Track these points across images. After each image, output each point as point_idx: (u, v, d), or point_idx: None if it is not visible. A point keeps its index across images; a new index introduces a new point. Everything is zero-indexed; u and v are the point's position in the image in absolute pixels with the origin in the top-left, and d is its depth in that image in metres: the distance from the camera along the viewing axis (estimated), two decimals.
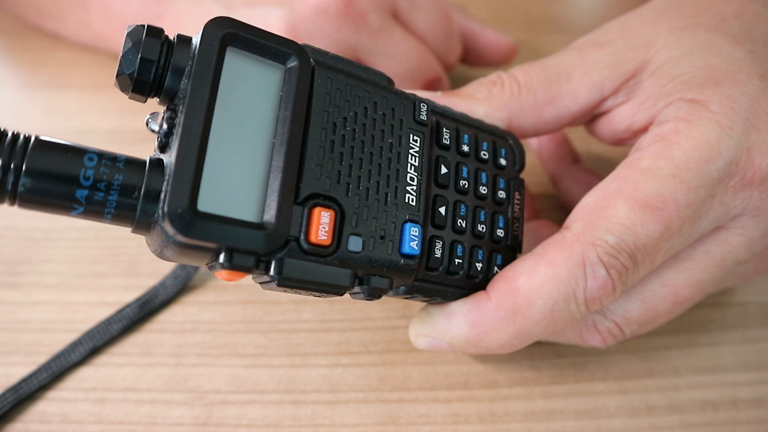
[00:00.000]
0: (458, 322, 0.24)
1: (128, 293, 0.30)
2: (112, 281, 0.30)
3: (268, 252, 0.18)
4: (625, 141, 0.27)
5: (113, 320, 0.29)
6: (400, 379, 0.28)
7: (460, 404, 0.28)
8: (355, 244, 0.20)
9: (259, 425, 0.27)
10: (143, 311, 0.29)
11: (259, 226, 0.18)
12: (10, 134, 0.17)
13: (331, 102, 0.21)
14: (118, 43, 0.35)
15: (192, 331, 0.29)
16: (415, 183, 0.22)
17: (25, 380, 0.27)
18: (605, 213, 0.23)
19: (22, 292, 0.30)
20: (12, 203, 0.17)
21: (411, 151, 0.22)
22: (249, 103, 0.19)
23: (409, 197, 0.22)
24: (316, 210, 0.19)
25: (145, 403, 0.27)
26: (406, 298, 0.23)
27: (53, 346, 0.28)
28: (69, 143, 0.18)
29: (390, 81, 0.23)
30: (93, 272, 0.31)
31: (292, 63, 0.20)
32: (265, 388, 0.28)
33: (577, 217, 0.23)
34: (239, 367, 0.28)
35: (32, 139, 0.17)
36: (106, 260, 0.31)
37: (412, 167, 0.22)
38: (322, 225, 0.19)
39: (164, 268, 0.30)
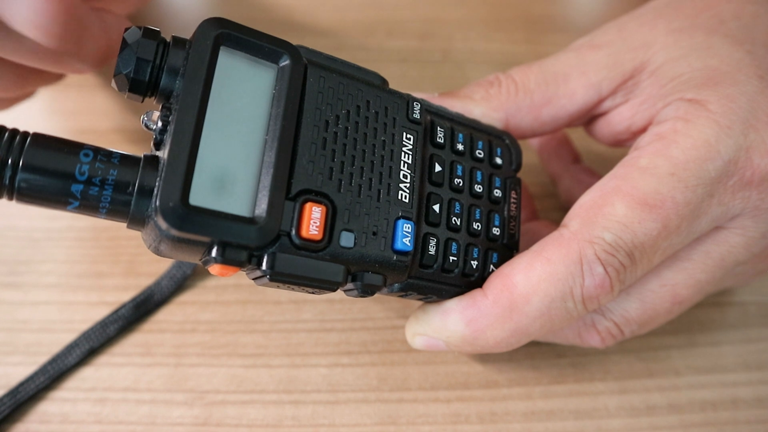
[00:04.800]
0: (454, 319, 0.24)
1: (128, 293, 0.30)
2: (112, 281, 0.30)
3: (260, 246, 0.19)
4: (624, 142, 0.28)
5: (109, 321, 0.29)
6: (399, 379, 0.28)
7: (460, 404, 0.28)
8: (347, 239, 0.20)
9: (258, 425, 0.27)
10: (139, 311, 0.29)
11: (251, 221, 0.19)
12: (8, 130, 0.18)
13: (323, 100, 0.21)
14: None
15: (192, 331, 0.29)
16: (408, 180, 0.22)
17: (22, 384, 0.27)
18: (603, 211, 0.23)
19: (22, 292, 0.30)
20: (10, 198, 0.18)
21: (404, 149, 0.23)
22: (242, 101, 0.20)
23: (402, 194, 0.22)
24: (308, 205, 0.20)
25: (145, 403, 0.27)
26: (402, 296, 0.24)
27: (53, 346, 0.28)
28: (66, 139, 0.18)
29: (384, 81, 0.23)
30: (93, 272, 0.31)
31: (285, 62, 0.20)
32: (265, 388, 0.28)
33: (574, 215, 0.23)
34: (239, 367, 0.28)
35: (30, 135, 0.18)
36: (106, 260, 0.31)
37: (405, 165, 0.22)
38: (313, 220, 0.20)
39: (164, 268, 0.30)
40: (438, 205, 0.23)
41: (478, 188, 0.25)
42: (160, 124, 0.19)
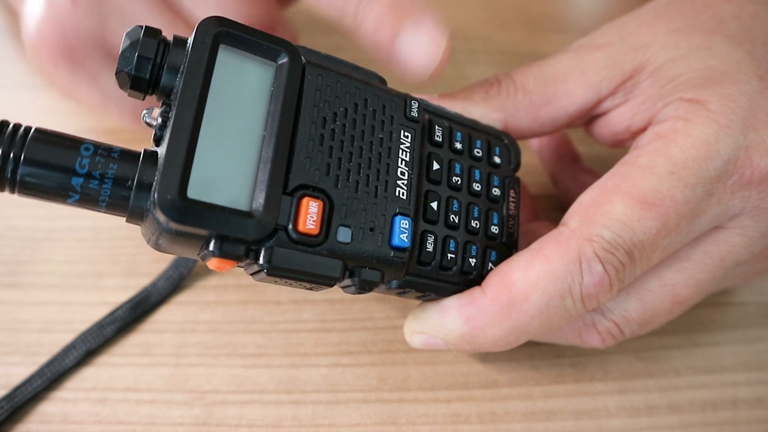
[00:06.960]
0: (452, 317, 0.24)
1: (128, 293, 0.30)
2: (112, 281, 0.30)
3: (257, 240, 0.19)
4: (624, 142, 0.28)
5: (106, 323, 0.29)
6: (400, 379, 0.28)
7: (460, 404, 0.28)
8: (344, 235, 0.21)
9: (259, 425, 0.27)
10: (136, 312, 0.29)
11: (248, 215, 0.19)
12: (10, 125, 0.18)
13: (321, 97, 0.21)
14: None
15: (192, 331, 0.29)
16: (405, 178, 0.22)
17: (19, 387, 0.27)
18: (602, 209, 0.23)
19: (22, 292, 0.30)
20: (12, 191, 0.18)
21: (402, 146, 0.23)
22: (241, 98, 0.20)
23: (399, 191, 0.22)
24: (305, 200, 0.20)
25: (145, 403, 0.27)
26: (400, 294, 0.24)
27: (53, 346, 0.28)
28: (66, 134, 0.19)
29: (382, 80, 0.24)
30: (93, 272, 0.31)
31: (283, 60, 0.21)
32: (265, 388, 0.28)
33: (573, 213, 0.23)
34: (239, 367, 0.28)
35: (31, 129, 0.18)
36: (106, 260, 0.31)
37: (403, 162, 0.22)
38: (310, 214, 0.20)
39: (163, 268, 0.30)
40: (436, 203, 0.23)
41: (477, 186, 0.25)
42: (160, 120, 0.19)
